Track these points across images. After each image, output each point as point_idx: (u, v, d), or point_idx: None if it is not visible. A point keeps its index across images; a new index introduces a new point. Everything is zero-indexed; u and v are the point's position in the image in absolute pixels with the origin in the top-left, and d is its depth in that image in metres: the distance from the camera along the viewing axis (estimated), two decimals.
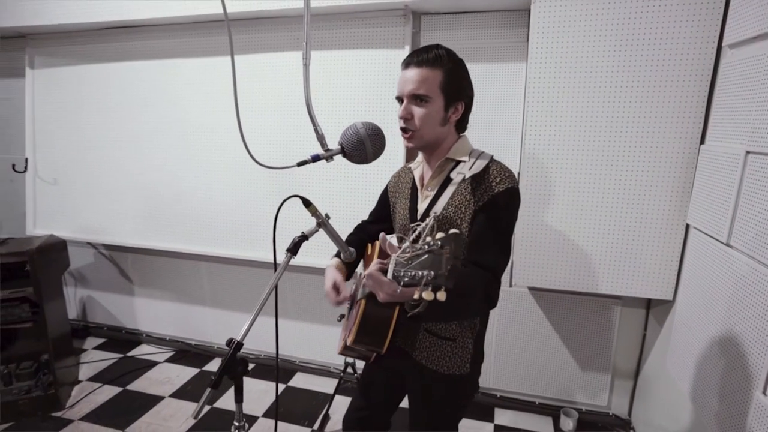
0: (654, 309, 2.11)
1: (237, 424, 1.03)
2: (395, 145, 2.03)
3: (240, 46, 2.37)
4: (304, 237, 1.05)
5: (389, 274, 0.77)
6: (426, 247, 0.74)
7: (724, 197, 1.46)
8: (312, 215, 1.06)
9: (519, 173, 1.96)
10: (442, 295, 0.67)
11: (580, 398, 2.33)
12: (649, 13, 1.68)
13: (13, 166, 2.90)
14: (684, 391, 1.62)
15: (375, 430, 1.47)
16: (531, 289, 2.27)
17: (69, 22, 2.51)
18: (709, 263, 1.54)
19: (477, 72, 2.18)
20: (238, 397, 1.01)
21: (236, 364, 0.96)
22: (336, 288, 1.27)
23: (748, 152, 1.35)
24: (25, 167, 2.83)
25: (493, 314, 2.36)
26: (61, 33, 2.69)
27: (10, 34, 2.77)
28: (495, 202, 1.11)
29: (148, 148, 2.64)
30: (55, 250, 2.55)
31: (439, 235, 0.73)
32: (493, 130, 2.19)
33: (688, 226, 1.77)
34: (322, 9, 2.13)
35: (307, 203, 1.04)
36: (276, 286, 1.03)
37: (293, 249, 1.04)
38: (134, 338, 3.13)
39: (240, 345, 0.97)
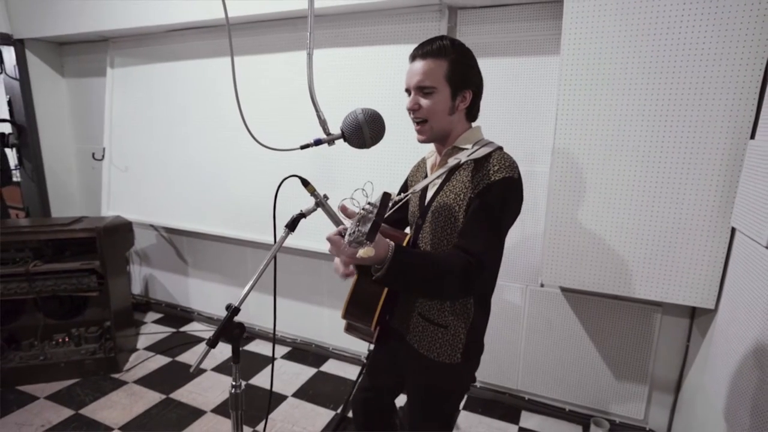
0: (698, 318, 1.94)
1: (234, 383, 1.11)
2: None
3: (284, 44, 2.52)
4: (301, 215, 1.12)
5: (346, 237, 0.82)
6: (367, 207, 0.80)
7: None
8: (310, 195, 1.12)
9: (550, 168, 1.89)
10: (368, 252, 0.73)
11: (614, 409, 2.20)
12: None
13: (93, 154, 3.29)
14: (719, 408, 1.48)
15: (379, 411, 1.51)
16: (563, 290, 2.18)
17: (143, 25, 2.77)
18: (753, 269, 1.41)
19: (513, 66, 2.14)
20: (235, 359, 1.10)
21: (233, 327, 1.05)
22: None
23: None
24: (103, 156, 3.19)
25: (524, 314, 2.30)
26: (137, 35, 2.99)
27: (95, 38, 3.14)
28: (489, 190, 1.10)
29: (202, 140, 2.87)
30: (121, 229, 2.85)
31: (376, 196, 0.80)
32: (525, 125, 2.14)
33: (734, 229, 1.62)
34: (359, 6, 2.19)
35: (305, 183, 1.11)
36: (275, 259, 1.11)
37: (291, 225, 1.11)
38: (187, 315, 3.42)
39: (237, 310, 1.05)
